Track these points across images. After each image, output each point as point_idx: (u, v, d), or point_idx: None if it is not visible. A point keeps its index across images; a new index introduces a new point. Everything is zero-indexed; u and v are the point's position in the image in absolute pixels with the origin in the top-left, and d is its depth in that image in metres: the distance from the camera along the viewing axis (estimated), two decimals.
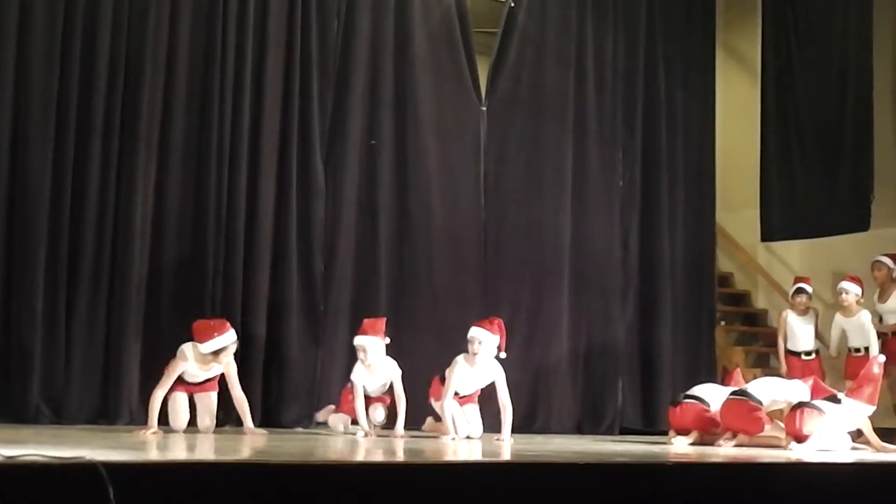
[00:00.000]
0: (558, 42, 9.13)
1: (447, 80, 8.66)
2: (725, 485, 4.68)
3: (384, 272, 8.15)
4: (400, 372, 7.08)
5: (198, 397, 6.97)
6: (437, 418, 7.18)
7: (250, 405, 7.07)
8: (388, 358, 7.16)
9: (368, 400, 7.19)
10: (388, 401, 7.27)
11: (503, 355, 7.07)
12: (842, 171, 9.54)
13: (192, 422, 6.90)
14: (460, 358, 6.98)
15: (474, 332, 7.00)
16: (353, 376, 7.10)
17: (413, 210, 8.38)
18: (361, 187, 8.27)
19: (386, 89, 8.39)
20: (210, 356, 6.78)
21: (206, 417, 6.92)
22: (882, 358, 7.05)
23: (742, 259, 11.19)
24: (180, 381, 6.85)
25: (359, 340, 7.10)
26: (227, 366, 6.86)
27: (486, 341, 6.95)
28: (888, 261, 8.74)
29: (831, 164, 9.60)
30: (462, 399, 7.13)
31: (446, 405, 6.91)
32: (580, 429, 8.44)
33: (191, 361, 6.77)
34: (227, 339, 6.82)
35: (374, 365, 7.10)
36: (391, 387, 7.17)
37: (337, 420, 7.36)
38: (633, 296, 9.22)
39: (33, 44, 7.21)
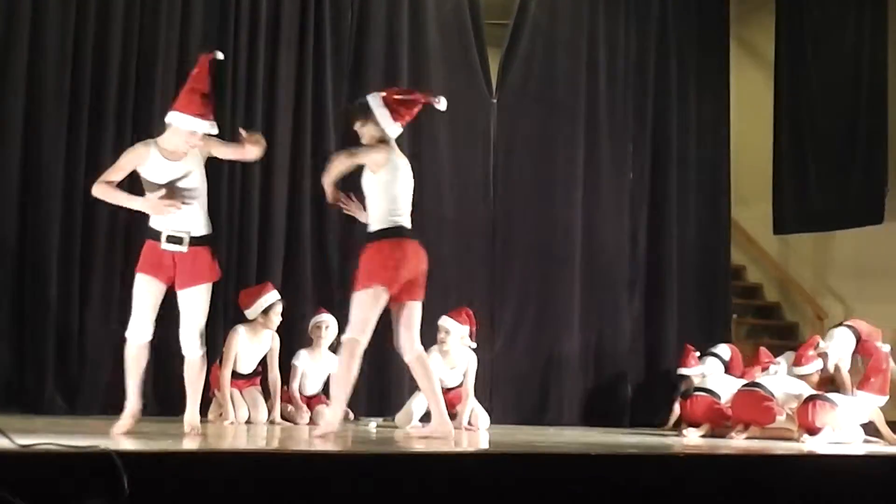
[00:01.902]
0: (570, 34, 9.11)
1: (459, 72, 8.66)
2: (737, 476, 4.68)
3: None
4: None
5: (245, 392, 7.10)
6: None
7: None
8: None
9: (319, 398, 7.24)
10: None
11: (473, 344, 7.20)
12: (855, 164, 9.51)
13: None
14: (433, 349, 7.01)
15: (442, 322, 7.12)
16: (297, 361, 7.12)
17: (424, 202, 8.15)
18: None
19: (399, 82, 8.24)
20: (260, 322, 6.94)
21: (258, 411, 7.07)
22: (888, 347, 7.02)
23: (754, 252, 11.16)
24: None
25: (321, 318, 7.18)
26: (274, 338, 7.04)
27: (453, 331, 7.04)
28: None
29: (845, 157, 9.57)
30: (450, 393, 7.15)
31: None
32: (590, 421, 8.42)
33: (242, 335, 6.96)
34: (271, 297, 7.03)
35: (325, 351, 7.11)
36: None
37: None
38: (642, 289, 9.20)
39: (46, 39, 7.24)
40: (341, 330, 6.89)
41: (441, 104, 5.63)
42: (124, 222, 7.40)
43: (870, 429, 6.93)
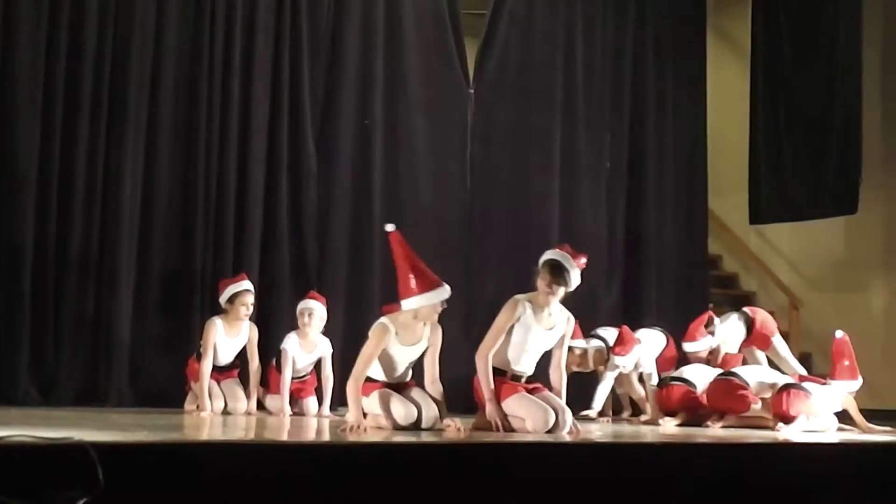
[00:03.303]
0: (547, 24, 9.08)
1: (436, 62, 8.64)
2: (713, 465, 4.71)
3: (378, 254, 8.04)
4: (332, 350, 7.06)
5: (224, 385, 7.08)
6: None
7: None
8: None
9: (304, 382, 7.23)
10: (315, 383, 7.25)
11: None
12: (830, 154, 9.55)
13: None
14: (293, 334, 6.99)
15: (307, 304, 7.03)
16: (287, 345, 7.01)
17: (401, 192, 8.38)
18: (353, 170, 8.28)
19: (376, 72, 8.36)
20: (231, 309, 6.90)
21: (237, 402, 7.03)
22: (841, 332, 7.05)
23: (731, 242, 11.19)
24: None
25: (308, 304, 7.07)
26: (252, 329, 7.02)
27: (317, 312, 7.00)
28: None
29: (820, 147, 9.60)
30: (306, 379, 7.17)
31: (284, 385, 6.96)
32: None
33: (219, 327, 6.92)
34: (238, 286, 6.98)
35: (311, 336, 7.06)
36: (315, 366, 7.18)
37: (276, 402, 7.14)
38: (619, 279, 9.23)
39: (20, 23, 7.18)
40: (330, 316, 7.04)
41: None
42: (100, 215, 7.41)
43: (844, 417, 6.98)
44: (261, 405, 7.16)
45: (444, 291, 5.54)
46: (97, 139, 7.42)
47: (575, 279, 5.71)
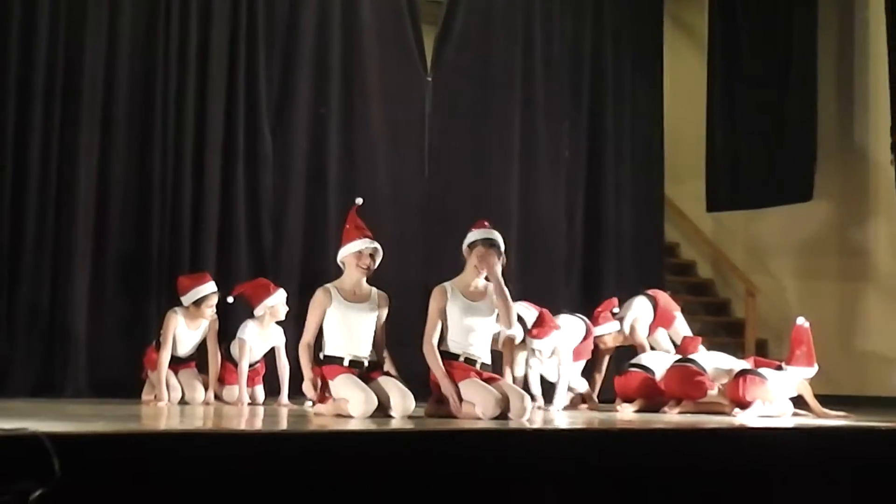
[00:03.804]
0: (505, 13, 9.08)
1: (393, 50, 8.62)
2: (669, 450, 4.75)
3: (333, 243, 7.91)
4: (285, 339, 7.05)
5: (181, 375, 7.03)
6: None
7: None
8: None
9: (256, 370, 7.19)
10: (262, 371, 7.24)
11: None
12: (786, 143, 9.69)
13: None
14: (250, 323, 6.98)
15: (282, 299, 7.01)
16: (245, 335, 6.96)
17: (359, 180, 8.34)
18: (309, 158, 8.26)
19: (332, 59, 8.33)
20: (194, 309, 6.88)
21: (194, 392, 7.00)
22: (802, 319, 7.13)
23: (688, 229, 11.26)
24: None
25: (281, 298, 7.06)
26: (214, 321, 6.99)
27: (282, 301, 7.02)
28: None
29: (776, 136, 9.74)
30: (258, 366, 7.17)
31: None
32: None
33: (180, 318, 6.90)
34: (206, 289, 6.92)
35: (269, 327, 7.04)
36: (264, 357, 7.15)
37: (233, 393, 7.05)
38: (579, 267, 9.28)
39: None
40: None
41: None
42: (54, 204, 7.34)
43: (799, 402, 7.03)
44: (217, 396, 7.12)
45: (366, 242, 5.88)
46: (51, 128, 7.32)
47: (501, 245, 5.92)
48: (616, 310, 7.55)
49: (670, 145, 10.07)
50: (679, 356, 7.35)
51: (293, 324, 7.20)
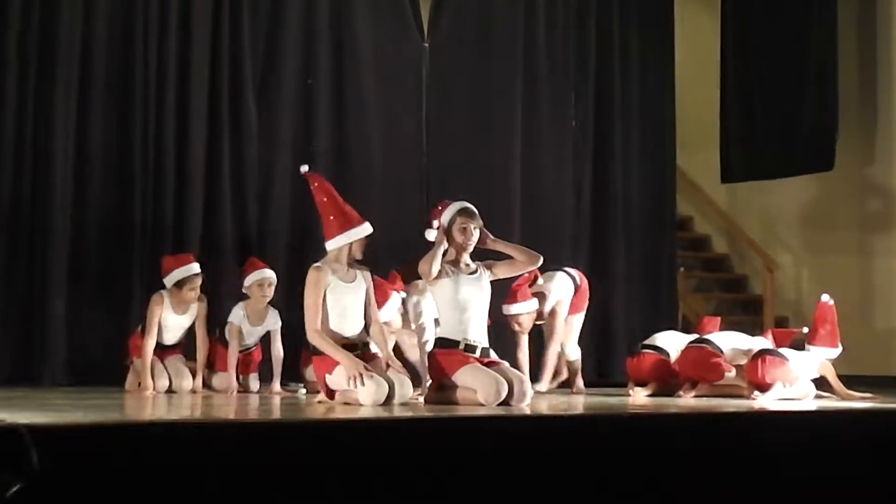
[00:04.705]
0: None
1: (386, 14, 8.59)
2: (685, 435, 4.74)
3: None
4: (280, 323, 7.04)
5: (168, 362, 7.03)
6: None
7: None
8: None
9: (251, 355, 7.20)
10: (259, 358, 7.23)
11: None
12: (805, 109, 9.65)
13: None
14: (240, 305, 6.99)
15: (266, 273, 7.01)
16: (235, 318, 6.97)
17: (351, 154, 8.34)
18: (297, 130, 8.24)
19: (321, 25, 8.30)
20: (177, 291, 6.87)
21: (181, 379, 6.99)
22: (827, 297, 7.11)
23: (701, 202, 11.26)
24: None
25: (264, 273, 7.04)
26: (202, 304, 6.99)
27: (273, 281, 7.03)
28: None
29: (794, 102, 9.70)
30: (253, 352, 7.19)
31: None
32: (532, 382, 8.39)
33: (166, 302, 6.89)
34: (186, 270, 6.90)
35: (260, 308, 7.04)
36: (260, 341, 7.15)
37: (224, 380, 7.06)
38: (587, 243, 9.27)
39: None
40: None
41: None
42: (30, 177, 7.35)
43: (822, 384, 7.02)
44: (205, 384, 7.12)
45: (364, 228, 5.84)
46: (26, 97, 7.33)
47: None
48: (541, 280, 7.30)
49: (682, 113, 10.04)
50: (695, 336, 7.35)
51: (282, 304, 7.20)
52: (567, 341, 7.45)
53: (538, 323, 7.34)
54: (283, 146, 8.17)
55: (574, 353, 7.54)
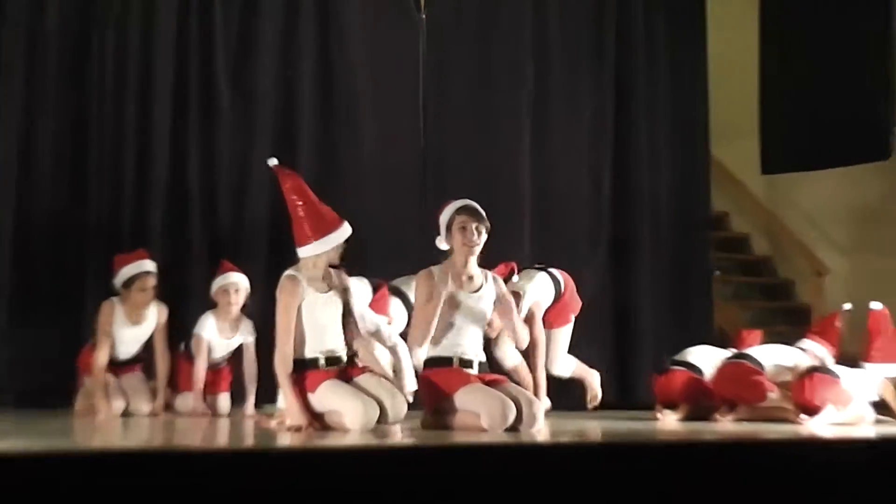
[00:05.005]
0: None
1: None
2: (723, 467, 4.69)
3: None
4: (255, 335, 7.06)
5: (124, 381, 7.05)
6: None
7: None
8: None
9: (221, 372, 7.27)
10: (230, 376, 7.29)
11: None
12: (857, 90, 9.49)
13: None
14: (209, 315, 7.08)
15: (236, 277, 7.07)
16: (202, 330, 7.01)
17: (338, 141, 8.41)
18: (276, 116, 8.31)
19: None
20: (126, 294, 6.89)
21: (140, 400, 7.01)
22: (879, 304, 7.09)
23: (740, 197, 11.25)
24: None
25: (231, 278, 7.06)
26: (160, 311, 7.01)
27: (244, 287, 7.07)
28: None
29: (844, 82, 9.56)
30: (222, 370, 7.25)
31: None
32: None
33: (118, 310, 6.92)
34: (136, 267, 6.94)
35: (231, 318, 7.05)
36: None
37: (189, 401, 7.15)
38: (606, 244, 9.24)
39: None
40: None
41: None
42: None
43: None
44: (167, 406, 7.17)
45: (344, 231, 5.75)
46: None
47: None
48: (517, 277, 7.18)
49: (716, 95, 10.00)
50: (733, 351, 7.34)
51: (259, 313, 7.18)
52: (554, 358, 7.34)
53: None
54: (261, 134, 8.20)
55: (565, 369, 7.45)
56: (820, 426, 6.51)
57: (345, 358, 5.70)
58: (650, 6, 9.65)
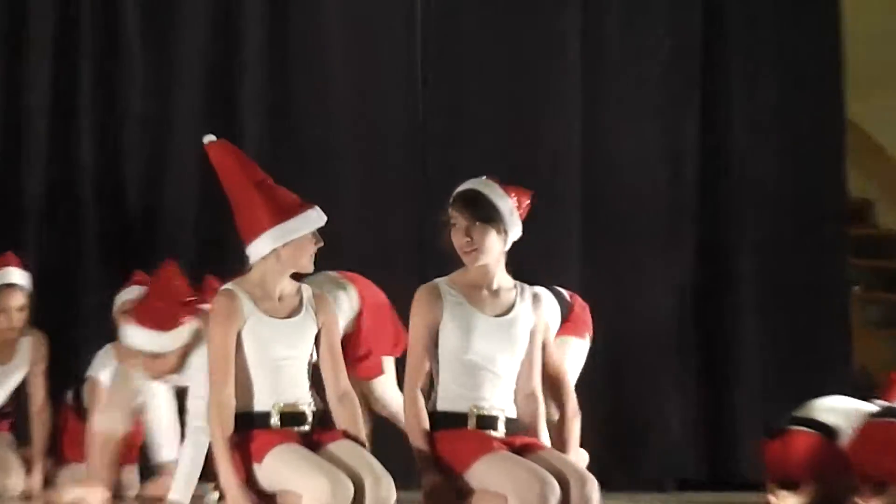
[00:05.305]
0: None
1: None
2: None
3: None
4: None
5: None
6: None
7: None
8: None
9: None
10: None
11: None
12: None
13: None
14: (108, 350, 6.81)
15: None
16: (98, 372, 6.81)
17: (324, 120, 8.34)
18: (210, 70, 8.17)
19: None
20: None
21: (9, 473, 6.88)
22: None
23: (890, 177, 10.56)
24: None
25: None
26: (35, 345, 6.95)
27: None
28: None
29: None
30: None
31: None
32: (604, 480, 7.59)
33: None
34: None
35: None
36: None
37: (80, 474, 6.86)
38: (690, 240, 8.87)
39: None
40: None
41: None
42: None
43: None
44: (48, 481, 6.97)
45: (313, 217, 5.18)
46: None
47: (513, 220, 5.25)
48: None
49: (854, 41, 9.39)
50: (881, 404, 6.96)
51: None
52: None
53: None
54: (186, 95, 8.08)
55: None
56: None
57: (309, 414, 5.17)
58: None
